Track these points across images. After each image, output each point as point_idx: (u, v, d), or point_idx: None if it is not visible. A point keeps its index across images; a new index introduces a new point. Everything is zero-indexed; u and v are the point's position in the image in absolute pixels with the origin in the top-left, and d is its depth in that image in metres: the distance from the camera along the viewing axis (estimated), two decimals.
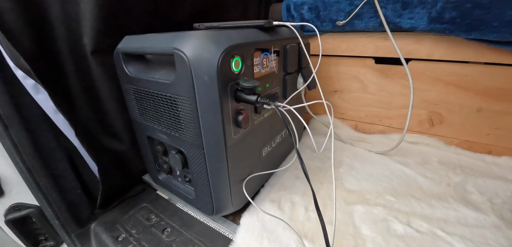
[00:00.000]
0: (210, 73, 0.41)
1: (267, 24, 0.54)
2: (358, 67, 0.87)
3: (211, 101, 0.43)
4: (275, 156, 0.69)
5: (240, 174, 0.54)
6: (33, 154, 0.51)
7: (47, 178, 0.53)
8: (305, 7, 0.86)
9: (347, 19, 0.79)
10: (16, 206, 0.53)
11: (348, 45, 0.85)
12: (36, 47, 0.49)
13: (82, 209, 0.60)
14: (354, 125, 0.94)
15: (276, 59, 0.59)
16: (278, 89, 0.63)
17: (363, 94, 0.89)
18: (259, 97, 0.45)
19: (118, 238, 0.56)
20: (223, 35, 0.44)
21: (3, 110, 0.46)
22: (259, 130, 0.58)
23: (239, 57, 0.45)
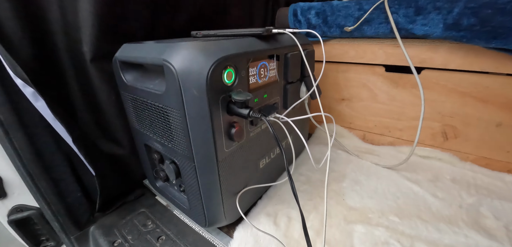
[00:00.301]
0: (199, 86, 0.40)
1: (265, 33, 0.52)
2: (367, 75, 0.83)
3: (201, 115, 0.42)
4: (274, 168, 0.67)
5: (234, 186, 0.53)
6: (33, 158, 0.52)
7: (47, 182, 0.54)
8: (312, 12, 0.83)
9: (356, 24, 0.75)
10: (18, 208, 0.55)
11: (357, 51, 0.81)
12: (36, 56, 0.50)
13: (82, 212, 0.61)
14: (361, 135, 0.90)
15: (276, 67, 0.57)
16: (278, 99, 0.61)
17: (372, 103, 0.84)
18: (251, 111, 0.43)
19: (114, 243, 0.57)
20: (214, 46, 0.43)
21: (4, 116, 0.48)
22: (256, 141, 0.56)
23: (232, 69, 0.44)
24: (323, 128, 0.90)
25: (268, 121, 0.43)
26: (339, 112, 0.93)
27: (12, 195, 0.54)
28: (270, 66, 0.55)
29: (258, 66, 0.51)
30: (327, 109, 0.95)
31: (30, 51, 0.50)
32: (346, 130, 0.92)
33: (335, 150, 0.82)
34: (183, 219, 0.61)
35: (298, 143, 0.80)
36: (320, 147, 0.84)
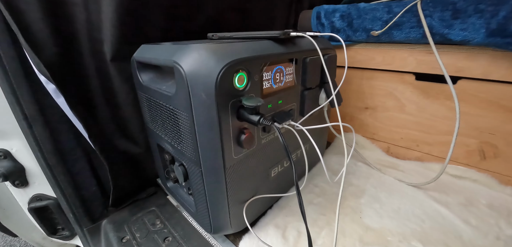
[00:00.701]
0: (207, 90, 0.39)
1: (283, 35, 0.49)
2: (395, 83, 0.76)
3: (209, 120, 0.40)
4: (287, 177, 0.64)
5: (242, 195, 0.51)
6: (53, 152, 0.54)
7: (65, 174, 0.56)
8: (337, 15, 0.78)
9: (384, 28, 0.70)
10: (38, 196, 0.57)
11: (384, 57, 0.75)
12: (60, 54, 0.52)
13: (96, 205, 0.63)
14: (386, 148, 0.84)
15: (294, 72, 0.54)
16: (295, 106, 0.58)
17: (399, 114, 0.78)
18: (262, 118, 0.41)
19: (122, 240, 0.57)
20: (226, 49, 0.41)
21: (28, 111, 0.50)
22: (268, 149, 0.54)
23: (244, 73, 0.42)
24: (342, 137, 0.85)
25: (279, 130, 0.40)
26: (361, 121, 0.87)
27: (33, 184, 0.57)
28: (286, 71, 0.52)
29: (273, 70, 0.49)
30: (349, 118, 0.89)
31: (56, 50, 0.52)
32: (368, 140, 0.86)
33: (355, 162, 0.77)
34: (191, 222, 0.60)
35: (315, 152, 0.77)
36: (339, 158, 0.79)
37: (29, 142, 0.52)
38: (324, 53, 0.62)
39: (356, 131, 0.89)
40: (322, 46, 0.62)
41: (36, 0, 0.48)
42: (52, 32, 0.50)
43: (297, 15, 0.96)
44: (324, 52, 0.62)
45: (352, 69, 0.83)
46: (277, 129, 0.40)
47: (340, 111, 0.90)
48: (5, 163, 0.53)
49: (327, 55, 0.62)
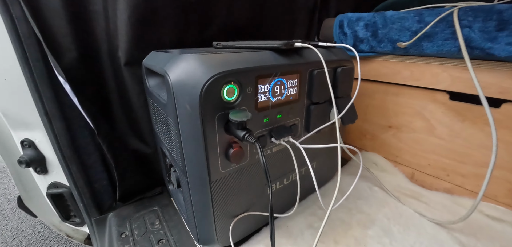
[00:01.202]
0: (192, 101, 0.38)
1: (284, 46, 0.46)
2: (424, 101, 0.67)
3: (193, 131, 0.40)
4: (287, 196, 0.60)
5: (232, 209, 0.49)
6: (69, 145, 0.59)
7: (78, 166, 0.61)
8: (361, 24, 0.72)
9: (412, 39, 0.62)
10: (55, 184, 0.63)
11: (412, 72, 0.67)
12: (81, 57, 0.56)
13: (105, 199, 0.67)
14: (410, 173, 0.74)
15: (298, 85, 0.50)
16: (298, 121, 0.54)
17: (427, 136, 0.68)
18: (247, 135, 0.39)
19: (122, 235, 0.60)
20: (216, 59, 0.40)
21: (48, 107, 0.55)
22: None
23: (234, 85, 0.40)
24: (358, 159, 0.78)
25: (261, 150, 0.38)
26: (383, 141, 0.78)
27: (52, 173, 0.63)
28: (289, 84, 0.49)
29: (271, 83, 0.46)
30: (369, 136, 0.81)
31: (76, 54, 0.56)
32: (390, 163, 0.77)
33: (370, 185, 0.70)
34: (187, 228, 0.61)
35: (326, 169, 0.71)
36: (353, 179, 0.72)
37: (49, 134, 0.57)
38: (338, 65, 0.57)
39: (377, 151, 0.81)
40: (336, 58, 0.57)
41: (62, 9, 0.52)
42: (74, 38, 0.55)
43: (320, 23, 0.90)
44: (338, 64, 0.57)
45: (375, 83, 0.76)
46: (259, 147, 0.38)
47: (360, 128, 0.83)
48: (29, 152, 0.59)
49: (341, 68, 0.57)
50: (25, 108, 0.55)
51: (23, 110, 0.56)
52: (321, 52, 0.55)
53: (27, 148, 0.59)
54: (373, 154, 0.80)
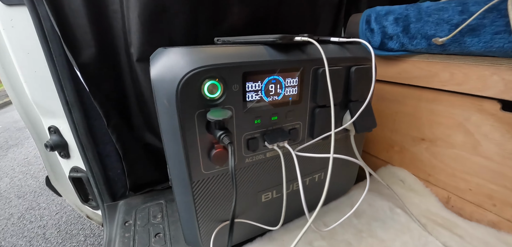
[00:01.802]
0: (169, 97, 0.36)
1: (280, 40, 0.42)
2: (467, 111, 0.54)
3: (171, 128, 0.38)
4: (289, 206, 0.55)
5: (218, 214, 0.46)
6: (86, 134, 0.64)
7: (94, 154, 0.66)
8: (390, 18, 0.62)
9: (452, 34, 0.51)
10: (75, 168, 0.69)
11: (452, 74, 0.55)
12: (99, 53, 0.60)
13: (118, 187, 0.71)
14: (445, 197, 0.61)
15: (298, 85, 0.45)
16: (299, 125, 0.49)
17: (470, 154, 0.55)
18: (223, 135, 0.36)
19: (126, 223, 0.62)
20: (198, 54, 0.37)
21: (69, 97, 0.60)
22: (256, 170, 0.47)
23: (216, 81, 0.38)
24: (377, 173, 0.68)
25: (232, 151, 0.34)
26: (414, 156, 0.66)
27: (73, 158, 0.69)
28: (287, 83, 0.44)
29: (264, 81, 0.42)
30: (398, 149, 0.70)
31: (95, 50, 0.60)
32: (421, 183, 0.65)
33: (391, 206, 0.60)
34: None
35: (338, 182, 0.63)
36: (372, 197, 0.63)
37: (69, 122, 0.63)
38: (352, 63, 0.50)
39: (406, 166, 0.69)
40: (351, 55, 0.50)
41: (83, 8, 0.56)
42: (94, 36, 0.58)
43: (347, 19, 0.82)
44: (352, 63, 0.50)
45: (406, 87, 0.65)
46: (230, 151, 0.34)
47: (387, 138, 0.72)
48: (54, 137, 0.65)
49: (356, 67, 0.50)
50: (51, 98, 0.61)
51: (49, 100, 0.62)
52: (330, 49, 0.49)
53: (53, 134, 0.65)
54: (401, 170, 0.69)
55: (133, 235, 0.59)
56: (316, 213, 0.38)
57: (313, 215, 0.38)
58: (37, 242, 1.04)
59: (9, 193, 1.36)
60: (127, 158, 0.65)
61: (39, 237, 1.06)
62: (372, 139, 0.77)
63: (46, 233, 1.09)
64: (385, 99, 0.71)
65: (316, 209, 0.38)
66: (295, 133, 0.48)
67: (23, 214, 1.21)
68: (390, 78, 0.68)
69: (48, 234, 1.09)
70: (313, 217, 0.38)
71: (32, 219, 1.19)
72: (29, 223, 1.17)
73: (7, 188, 1.40)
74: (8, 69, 0.61)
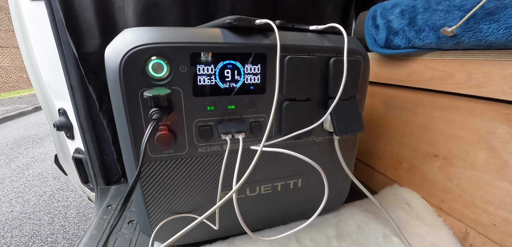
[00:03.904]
0: (114, 73, 0.36)
1: (235, 22, 0.38)
2: (491, 121, 0.42)
3: (117, 106, 0.38)
4: (256, 211, 0.49)
5: (167, 204, 0.44)
6: (86, 118, 0.69)
7: (92, 138, 0.70)
8: (396, 11, 0.54)
9: (463, 20, 0.40)
10: (78, 150, 0.75)
11: (470, 74, 0.44)
12: (102, 45, 0.65)
13: (113, 172, 0.75)
14: (461, 232, 0.47)
15: (261, 73, 0.41)
16: (264, 119, 0.44)
17: (495, 178, 0.42)
18: (153, 112, 0.34)
19: (108, 207, 0.64)
20: (144, 33, 0.37)
21: (73, 82, 0.67)
22: (213, 163, 0.44)
23: (161, 60, 0.36)
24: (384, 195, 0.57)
25: (150, 128, 0.31)
26: (425, 176, 0.54)
27: (77, 139, 0.75)
28: (246, 70, 0.41)
29: (218, 65, 0.39)
30: (407, 166, 0.58)
31: (99, 42, 0.65)
32: (432, 209, 0.52)
33: (388, 233, 0.49)
34: None
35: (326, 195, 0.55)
36: (366, 218, 0.53)
37: (72, 105, 0.69)
38: (334, 54, 0.44)
39: (415, 187, 0.56)
40: (330, 45, 0.44)
41: (90, 3, 0.62)
42: (99, 28, 0.64)
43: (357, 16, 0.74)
44: (334, 54, 0.44)
45: (417, 92, 0.54)
46: (150, 126, 0.32)
47: (395, 153, 0.61)
48: (62, 118, 0.72)
49: (334, 58, 0.44)
50: (60, 82, 0.68)
51: (59, 84, 0.69)
52: (305, 37, 0.44)
53: (61, 115, 0.72)
54: (408, 191, 0.57)
55: (109, 218, 0.60)
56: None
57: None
58: (58, 220, 1.17)
59: (48, 173, 1.58)
60: (117, 143, 0.68)
61: (60, 216, 1.19)
62: (379, 154, 0.66)
63: (67, 213, 1.22)
64: (393, 107, 0.60)
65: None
66: (258, 127, 0.44)
67: (54, 193, 1.38)
68: (398, 81, 0.58)
69: (68, 214, 1.21)
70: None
71: (60, 199, 1.34)
72: (57, 201, 1.32)
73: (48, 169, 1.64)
74: (31, 55, 0.70)
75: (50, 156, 1.94)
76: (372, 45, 0.60)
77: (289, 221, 0.55)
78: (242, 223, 0.38)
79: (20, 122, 3.57)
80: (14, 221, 1.18)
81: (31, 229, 1.13)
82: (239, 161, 0.37)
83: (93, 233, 0.57)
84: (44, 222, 1.15)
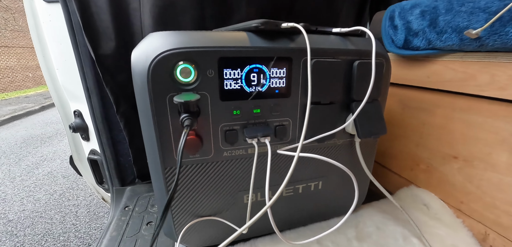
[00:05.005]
0: (142, 78, 0.36)
1: (262, 26, 0.39)
2: None
3: (144, 109, 0.38)
4: (276, 213, 0.50)
5: (191, 207, 0.44)
6: (102, 120, 0.69)
7: (108, 139, 0.71)
8: (416, 12, 0.54)
9: (489, 22, 0.40)
10: (93, 151, 0.75)
11: (493, 76, 0.44)
12: (117, 46, 0.65)
13: (128, 173, 0.75)
14: (481, 233, 0.48)
15: (286, 77, 0.41)
16: (288, 123, 0.44)
17: None
18: (185, 118, 0.34)
19: (125, 208, 0.65)
20: (172, 37, 0.37)
21: (89, 84, 0.67)
22: (238, 166, 0.44)
23: (189, 65, 0.36)
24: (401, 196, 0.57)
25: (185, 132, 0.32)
26: (443, 177, 0.54)
27: (92, 141, 0.75)
28: (272, 73, 0.41)
29: (244, 69, 0.39)
30: (424, 167, 0.59)
31: (115, 44, 0.65)
32: (450, 211, 0.53)
33: (407, 235, 0.49)
34: None
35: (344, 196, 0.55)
36: (385, 220, 0.53)
37: (88, 107, 0.69)
38: (357, 57, 0.44)
39: (433, 188, 0.57)
40: (354, 48, 0.44)
41: (107, 6, 0.62)
42: (115, 30, 0.64)
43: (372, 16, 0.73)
44: (358, 57, 0.44)
45: (436, 93, 0.54)
46: (184, 133, 0.32)
47: (411, 153, 0.61)
48: (78, 120, 0.73)
49: (359, 61, 0.44)
50: (76, 84, 0.69)
51: (75, 86, 0.69)
52: (329, 40, 0.44)
53: (77, 117, 0.73)
54: (426, 192, 0.57)
55: (128, 220, 0.61)
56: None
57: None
58: (69, 218, 1.18)
59: (57, 172, 1.59)
60: (134, 145, 0.69)
61: (71, 214, 1.20)
62: (394, 154, 0.66)
63: (78, 211, 1.23)
64: (410, 108, 0.60)
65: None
66: (283, 130, 0.44)
67: (64, 192, 1.40)
68: (416, 82, 0.58)
69: (79, 213, 1.22)
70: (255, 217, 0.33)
71: (70, 197, 1.35)
72: (67, 200, 1.33)
73: (57, 168, 1.65)
74: (46, 57, 0.70)
75: (59, 154, 1.95)
76: (390, 45, 0.60)
77: (308, 222, 0.55)
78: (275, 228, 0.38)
79: (28, 122, 3.62)
80: (26, 220, 1.19)
81: (44, 228, 1.15)
82: (270, 165, 0.37)
83: (113, 234, 0.57)
84: (55, 220, 1.17)
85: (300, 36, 0.42)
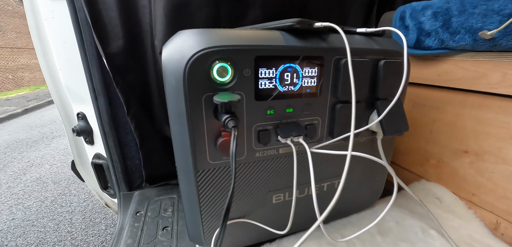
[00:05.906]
0: (177, 77, 0.35)
1: (297, 25, 0.39)
2: None
3: (177, 110, 0.37)
4: (304, 211, 0.50)
5: (222, 210, 0.43)
6: (109, 122, 0.66)
7: (115, 142, 0.68)
8: (428, 13, 0.56)
9: (504, 24, 0.43)
10: (98, 155, 0.72)
11: (505, 75, 0.47)
12: (126, 46, 0.62)
13: (136, 177, 0.72)
14: (493, 222, 0.51)
15: (318, 76, 0.42)
16: (318, 121, 0.45)
17: None
18: (228, 119, 0.33)
19: (137, 213, 0.62)
20: (208, 35, 0.36)
21: (96, 85, 0.63)
22: (268, 166, 0.44)
23: (226, 64, 0.36)
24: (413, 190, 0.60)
25: (234, 133, 0.31)
26: (454, 171, 0.57)
27: (97, 144, 0.71)
28: (304, 73, 0.41)
29: (279, 68, 0.39)
30: (435, 161, 0.61)
31: (123, 42, 0.62)
32: (462, 203, 0.56)
33: (425, 228, 0.51)
34: None
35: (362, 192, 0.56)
36: (402, 214, 0.55)
37: (94, 109, 0.66)
38: (381, 57, 0.45)
39: (444, 182, 0.60)
40: (379, 47, 0.46)
41: (114, 2, 0.59)
42: (123, 28, 0.61)
43: (379, 18, 0.76)
44: (381, 56, 0.45)
45: (447, 91, 0.57)
46: (234, 135, 0.31)
47: (422, 149, 0.64)
48: (82, 123, 0.69)
49: (385, 61, 0.45)
50: (81, 85, 0.65)
51: (79, 87, 0.65)
52: (355, 39, 0.45)
53: (80, 119, 0.69)
54: (437, 186, 0.60)
55: (142, 226, 0.58)
56: (326, 213, 0.33)
57: (322, 216, 0.33)
58: (63, 226, 1.11)
59: (47, 178, 1.50)
60: (144, 148, 0.66)
61: (66, 222, 1.14)
62: (403, 150, 0.69)
63: (73, 218, 1.17)
64: (420, 105, 0.63)
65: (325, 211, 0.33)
66: (313, 129, 0.44)
67: (56, 198, 1.32)
68: (427, 81, 0.60)
69: (74, 220, 1.16)
70: (323, 216, 0.33)
71: (63, 204, 1.28)
72: (60, 207, 1.26)
73: (46, 174, 1.55)
74: (48, 57, 0.66)
75: (47, 159, 1.83)
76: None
77: (329, 220, 0.56)
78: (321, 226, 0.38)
79: (11, 126, 3.38)
80: (17, 229, 1.10)
81: (37, 237, 1.07)
82: (311, 164, 0.37)
83: (129, 242, 0.55)
84: (49, 229, 1.09)
85: (330, 36, 0.43)
